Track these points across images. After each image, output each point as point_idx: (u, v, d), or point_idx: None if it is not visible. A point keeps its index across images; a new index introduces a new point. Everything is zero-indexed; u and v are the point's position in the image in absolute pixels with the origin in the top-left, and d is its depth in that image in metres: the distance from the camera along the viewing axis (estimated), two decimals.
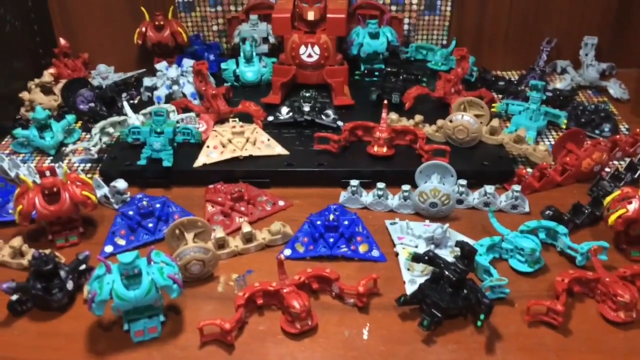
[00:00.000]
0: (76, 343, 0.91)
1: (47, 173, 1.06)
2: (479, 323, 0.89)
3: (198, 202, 1.22)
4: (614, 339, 0.91)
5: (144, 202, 1.14)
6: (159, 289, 0.88)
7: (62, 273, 0.96)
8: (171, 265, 0.90)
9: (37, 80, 1.54)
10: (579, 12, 1.64)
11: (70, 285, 0.97)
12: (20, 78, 1.55)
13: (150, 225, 1.13)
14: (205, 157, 1.27)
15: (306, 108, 1.38)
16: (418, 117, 1.34)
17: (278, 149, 1.29)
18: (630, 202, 1.01)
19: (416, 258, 0.96)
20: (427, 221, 1.13)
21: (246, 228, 1.08)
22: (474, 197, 1.18)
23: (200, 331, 0.90)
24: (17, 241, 1.06)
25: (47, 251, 1.00)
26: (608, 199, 1.05)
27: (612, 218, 1.01)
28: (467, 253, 0.91)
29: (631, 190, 1.03)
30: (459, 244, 0.93)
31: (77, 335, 0.93)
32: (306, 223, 1.12)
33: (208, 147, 1.29)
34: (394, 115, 1.34)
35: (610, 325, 0.93)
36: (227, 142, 1.29)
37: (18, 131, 1.38)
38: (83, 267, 1.00)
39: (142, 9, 1.62)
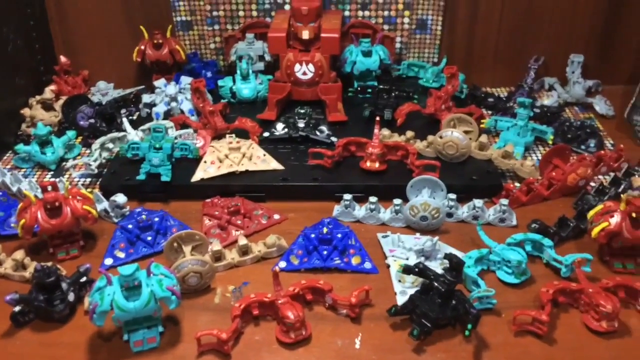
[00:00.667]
0: (77, 353, 0.94)
1: (49, 188, 1.09)
2: (467, 332, 0.92)
3: (195, 216, 1.25)
4: (597, 348, 0.94)
5: (143, 216, 1.17)
6: (157, 300, 0.91)
7: (64, 285, 0.99)
8: (170, 277, 0.93)
9: (38, 97, 1.57)
10: (565, 31, 1.69)
11: (71, 296, 0.99)
12: (21, 95, 1.58)
13: (149, 238, 1.16)
14: (202, 172, 1.30)
15: (301, 124, 1.41)
16: (409, 133, 1.38)
17: (273, 164, 1.33)
18: (612, 216, 1.05)
19: (407, 270, 1.00)
20: (417, 234, 1.17)
21: (242, 241, 1.12)
22: (463, 211, 1.21)
23: (198, 341, 0.93)
24: (19, 254, 1.09)
25: (49, 264, 1.03)
26: (591, 212, 1.08)
27: (595, 231, 1.05)
28: (455, 265, 0.95)
29: (613, 204, 1.07)
30: (447, 256, 0.96)
31: (78, 346, 0.95)
32: (300, 236, 1.15)
33: (205, 162, 1.32)
34: (386, 131, 1.38)
35: (593, 334, 0.96)
36: (224, 157, 1.32)
37: (20, 147, 1.41)
38: (84, 279, 1.03)
39: (142, 27, 1.66)
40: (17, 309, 0.98)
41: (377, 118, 1.32)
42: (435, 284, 0.95)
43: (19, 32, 1.56)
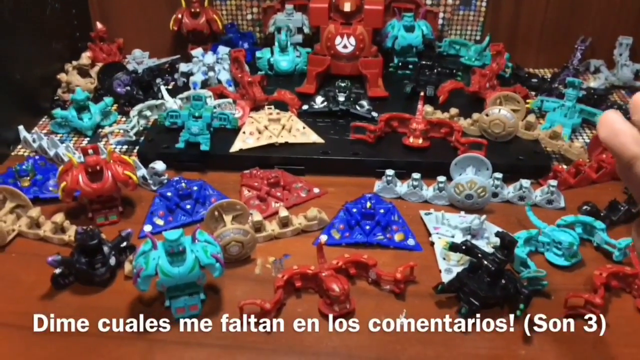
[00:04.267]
0: (118, 317, 0.93)
1: (90, 152, 1.07)
2: (518, 313, 0.89)
3: (233, 187, 1.23)
4: None
5: (183, 184, 1.15)
6: (202, 267, 0.89)
7: (106, 249, 0.98)
8: (214, 245, 0.91)
9: (74, 63, 1.56)
10: (614, 12, 1.63)
11: (112, 261, 0.98)
12: (57, 60, 1.57)
13: (188, 207, 1.14)
14: (241, 143, 1.28)
15: (341, 98, 1.38)
16: (453, 111, 1.34)
17: (314, 137, 1.30)
18: None
19: (454, 248, 0.97)
20: (462, 212, 1.14)
21: (283, 212, 1.09)
22: (509, 191, 1.18)
23: (241, 310, 0.91)
24: (59, 217, 1.08)
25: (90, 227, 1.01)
26: None
27: None
28: (507, 244, 0.92)
29: None
30: (499, 234, 0.93)
31: (118, 310, 0.94)
32: (343, 211, 1.13)
33: (244, 133, 1.30)
34: (428, 108, 1.35)
35: None
36: (263, 128, 1.30)
37: (57, 112, 1.40)
38: (125, 244, 1.02)
39: None
40: (58, 271, 0.97)
41: (422, 94, 1.28)
42: (485, 262, 0.92)
43: None
